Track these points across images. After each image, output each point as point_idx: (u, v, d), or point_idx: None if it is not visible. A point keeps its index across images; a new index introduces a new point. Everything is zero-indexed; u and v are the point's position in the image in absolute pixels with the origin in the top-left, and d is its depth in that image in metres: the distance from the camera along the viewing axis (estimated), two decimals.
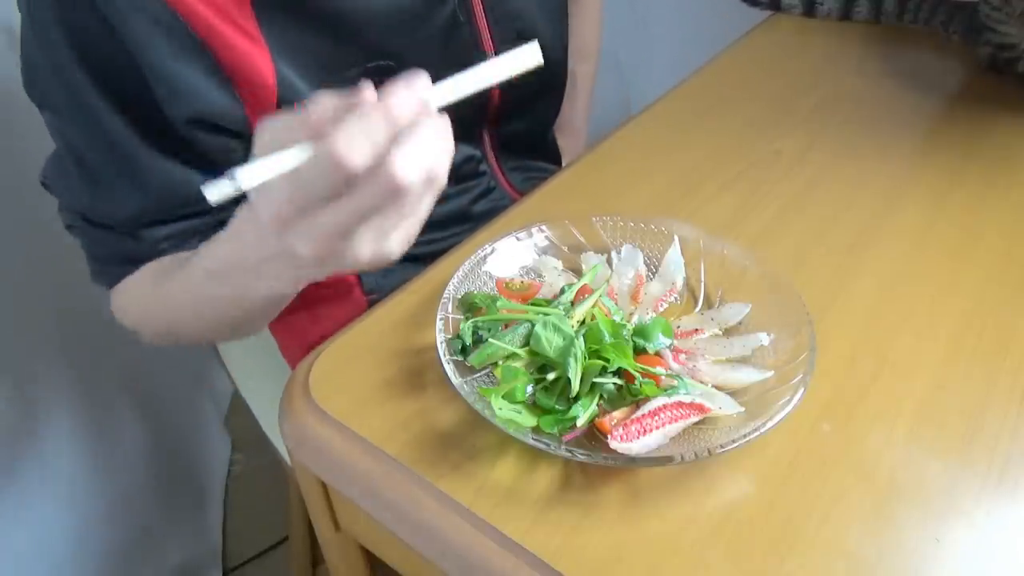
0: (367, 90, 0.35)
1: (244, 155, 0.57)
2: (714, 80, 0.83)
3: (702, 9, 1.17)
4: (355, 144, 0.33)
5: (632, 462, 0.44)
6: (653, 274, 0.57)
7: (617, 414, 0.45)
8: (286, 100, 0.57)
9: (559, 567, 0.41)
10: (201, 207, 0.57)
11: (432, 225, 0.72)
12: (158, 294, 0.58)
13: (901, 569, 0.41)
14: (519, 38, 0.68)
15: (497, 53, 0.66)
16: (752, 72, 0.85)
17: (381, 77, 0.59)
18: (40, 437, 0.93)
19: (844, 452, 0.47)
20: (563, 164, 0.93)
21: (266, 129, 0.37)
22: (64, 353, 0.95)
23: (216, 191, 0.35)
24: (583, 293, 0.52)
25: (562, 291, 0.52)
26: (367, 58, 0.59)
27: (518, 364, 0.47)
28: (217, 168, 0.56)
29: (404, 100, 0.36)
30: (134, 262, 0.60)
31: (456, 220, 0.74)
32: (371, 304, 0.66)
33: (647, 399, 0.45)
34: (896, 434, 0.48)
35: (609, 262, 0.57)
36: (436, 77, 0.63)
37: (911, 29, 0.89)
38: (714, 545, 0.42)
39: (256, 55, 0.54)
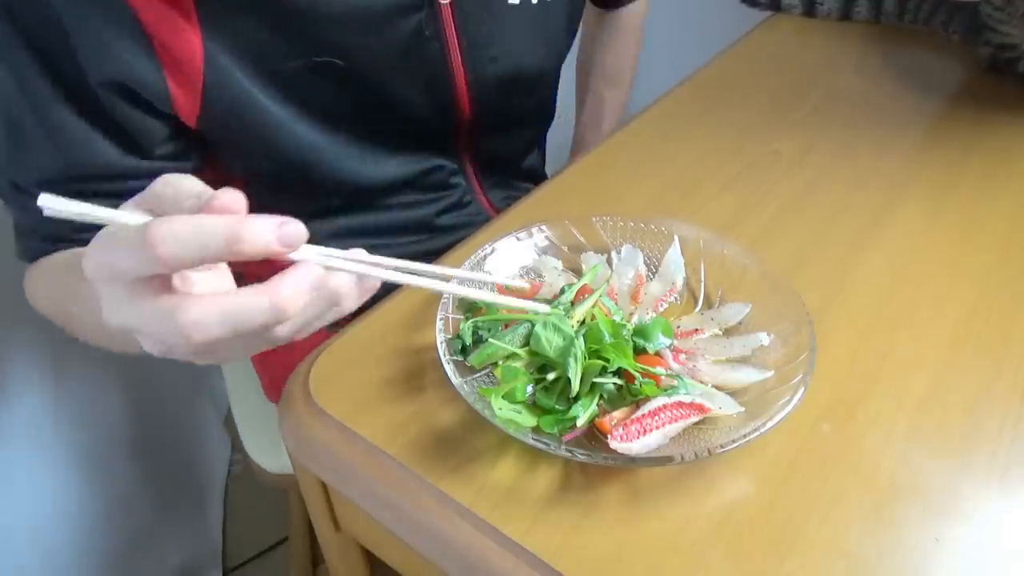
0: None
1: (165, 134, 0.56)
2: (714, 80, 0.83)
3: (702, 9, 1.17)
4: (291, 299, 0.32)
5: (632, 462, 0.44)
6: (653, 274, 0.57)
7: (617, 414, 0.45)
8: (214, 82, 0.55)
9: (559, 567, 0.41)
10: (114, 185, 0.56)
11: (391, 230, 0.72)
12: (56, 286, 0.58)
13: (901, 569, 0.41)
14: (493, 62, 0.66)
15: (468, 75, 0.65)
16: (752, 72, 0.85)
17: (325, 74, 0.58)
18: (40, 437, 0.94)
19: (844, 452, 0.47)
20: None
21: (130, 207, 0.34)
22: (64, 353, 0.95)
23: (52, 205, 0.30)
24: (583, 293, 0.52)
25: (562, 291, 0.52)
26: (314, 53, 0.57)
27: (518, 364, 0.47)
28: (137, 146, 0.56)
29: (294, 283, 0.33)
30: (53, 240, 0.58)
31: (417, 228, 0.73)
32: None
33: (647, 399, 0.45)
34: (896, 434, 0.48)
35: (609, 262, 0.57)
36: (392, 85, 0.62)
37: (911, 29, 0.89)
38: (714, 545, 0.42)
39: (186, 31, 0.52)
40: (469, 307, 0.52)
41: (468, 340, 0.49)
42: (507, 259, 0.56)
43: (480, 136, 0.72)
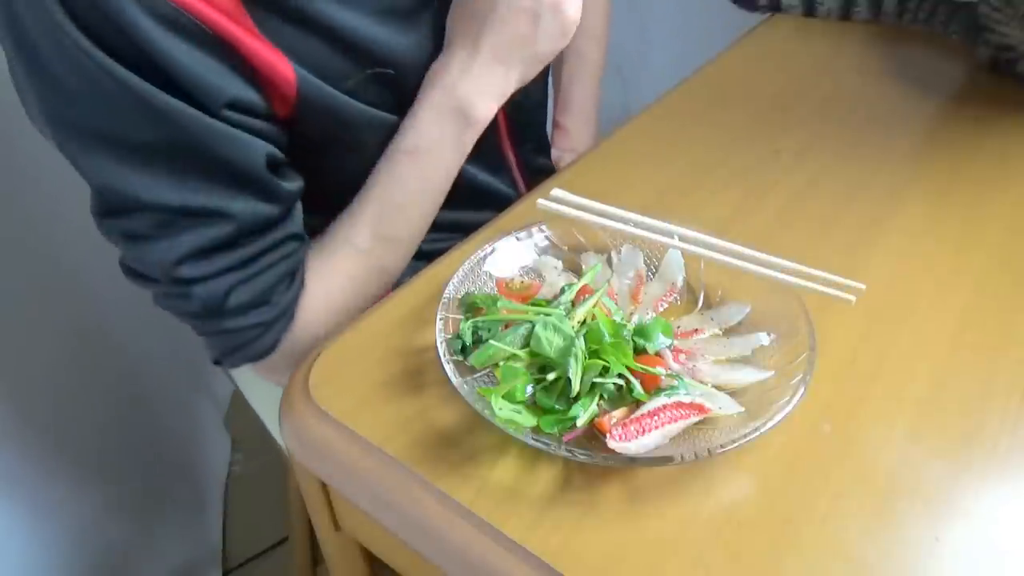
0: None
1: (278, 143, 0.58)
2: (714, 80, 0.83)
3: (702, 9, 1.17)
4: None
5: (632, 462, 0.44)
6: (653, 274, 0.57)
7: (617, 414, 0.45)
8: (307, 95, 0.56)
9: (559, 567, 0.41)
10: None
11: (446, 227, 0.73)
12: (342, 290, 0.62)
13: (901, 568, 0.41)
14: None
15: None
16: (752, 72, 0.85)
17: (380, 86, 0.60)
18: (39, 437, 0.94)
19: (844, 452, 0.47)
20: (575, 148, 0.92)
21: None
22: (63, 353, 0.95)
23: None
24: (583, 293, 0.52)
25: (562, 291, 0.52)
26: (366, 67, 0.59)
27: (518, 364, 0.47)
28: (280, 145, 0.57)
29: None
30: (258, 305, 0.58)
31: (473, 228, 0.75)
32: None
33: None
34: (896, 434, 0.48)
35: (609, 262, 0.57)
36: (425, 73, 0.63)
37: (911, 29, 0.89)
38: (714, 545, 0.42)
39: (269, 53, 0.54)
40: (469, 307, 0.52)
41: (468, 340, 0.49)
42: (507, 259, 0.56)
43: (520, 137, 0.76)
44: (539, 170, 0.83)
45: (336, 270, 0.62)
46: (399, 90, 0.62)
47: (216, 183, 0.55)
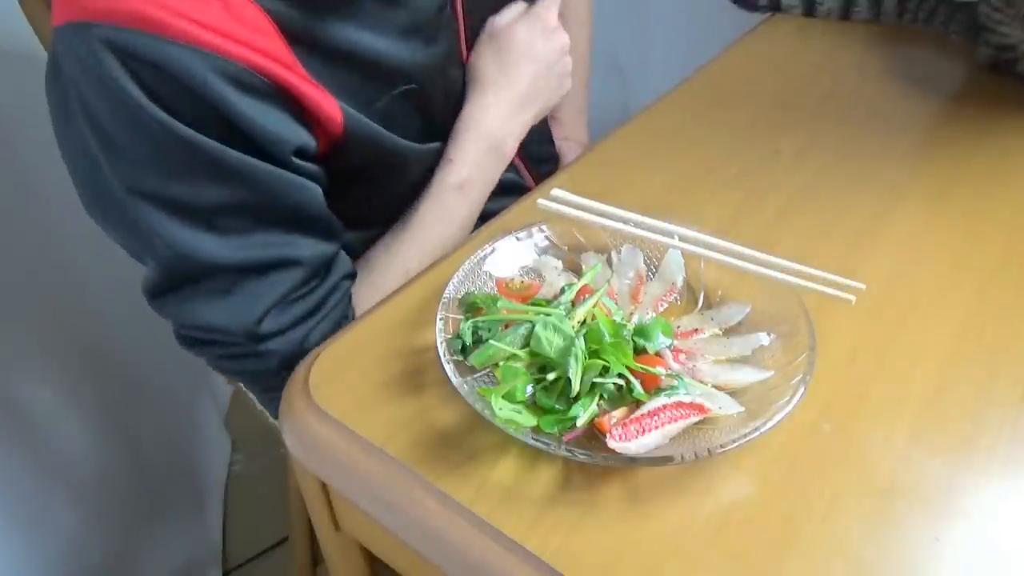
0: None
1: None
2: (714, 80, 0.83)
3: (702, 9, 1.17)
4: None
5: (632, 462, 0.44)
6: (653, 274, 0.57)
7: (617, 414, 0.45)
8: (352, 130, 0.58)
9: (559, 567, 0.41)
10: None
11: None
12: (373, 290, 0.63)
13: (901, 568, 0.41)
14: (481, 18, 0.71)
15: (469, 45, 0.70)
16: (752, 72, 0.85)
17: (407, 103, 0.61)
18: (39, 437, 0.94)
19: (844, 452, 0.47)
20: (569, 137, 0.93)
21: None
22: (63, 353, 0.95)
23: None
24: (583, 293, 0.52)
25: (562, 291, 0.52)
26: (393, 86, 0.61)
27: (518, 364, 0.47)
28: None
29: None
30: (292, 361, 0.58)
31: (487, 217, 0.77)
32: None
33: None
34: (896, 434, 0.48)
35: (609, 262, 0.57)
36: (441, 83, 0.65)
37: (911, 29, 0.89)
38: (714, 545, 0.42)
39: (319, 95, 0.55)
40: (469, 307, 0.52)
41: (468, 340, 0.49)
42: (507, 259, 0.56)
43: None
44: (542, 160, 0.85)
45: (381, 293, 0.62)
46: (424, 104, 0.64)
47: (285, 231, 0.56)
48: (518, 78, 0.69)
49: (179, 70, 0.49)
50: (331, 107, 0.56)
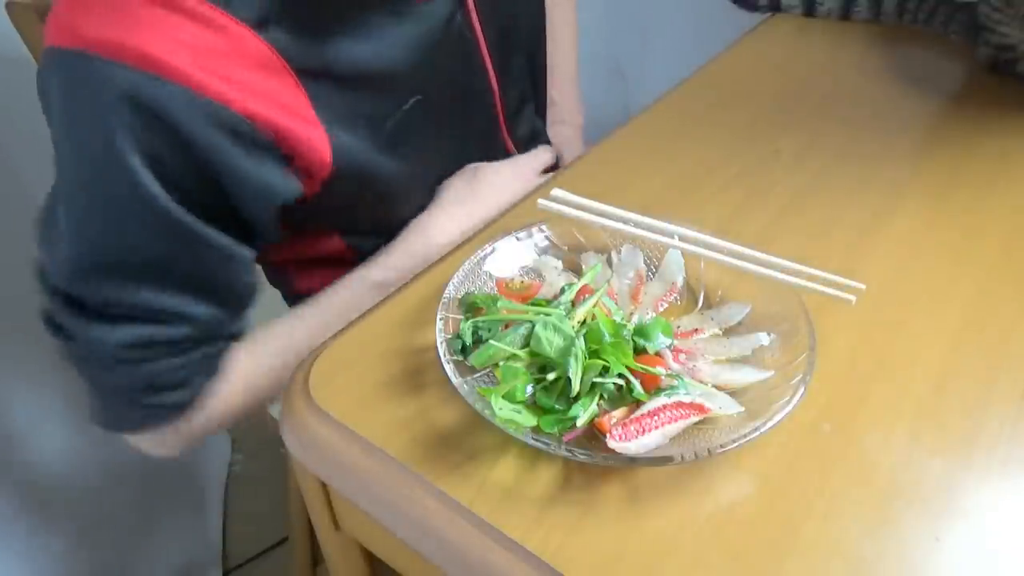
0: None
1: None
2: (714, 80, 0.83)
3: (702, 9, 1.17)
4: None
5: (632, 462, 0.44)
6: (653, 274, 0.57)
7: (617, 414, 0.45)
8: (341, 166, 0.57)
9: (559, 567, 0.41)
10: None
11: None
12: (246, 388, 0.62)
13: (901, 568, 0.41)
14: (502, 35, 0.70)
15: (491, 54, 0.69)
16: (752, 72, 0.85)
17: (414, 115, 0.61)
18: (39, 437, 0.94)
19: (844, 452, 0.47)
20: (564, 120, 0.93)
21: None
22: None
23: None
24: (583, 293, 0.52)
25: (562, 291, 0.52)
26: (402, 101, 0.61)
27: (518, 364, 0.47)
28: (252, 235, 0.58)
29: None
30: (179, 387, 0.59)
31: None
32: None
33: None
34: (896, 434, 0.48)
35: (609, 262, 0.57)
36: (455, 93, 0.65)
37: (911, 29, 0.89)
38: (714, 545, 0.42)
39: (315, 138, 0.55)
40: (469, 307, 0.52)
41: (468, 340, 0.49)
42: (507, 259, 0.56)
43: (508, 115, 0.76)
44: (533, 137, 0.84)
45: (266, 368, 0.62)
46: (435, 115, 0.64)
47: (192, 291, 0.55)
48: (479, 203, 0.68)
49: (172, 114, 0.48)
50: (322, 146, 0.56)
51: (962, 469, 0.46)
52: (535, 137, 0.81)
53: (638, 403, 0.46)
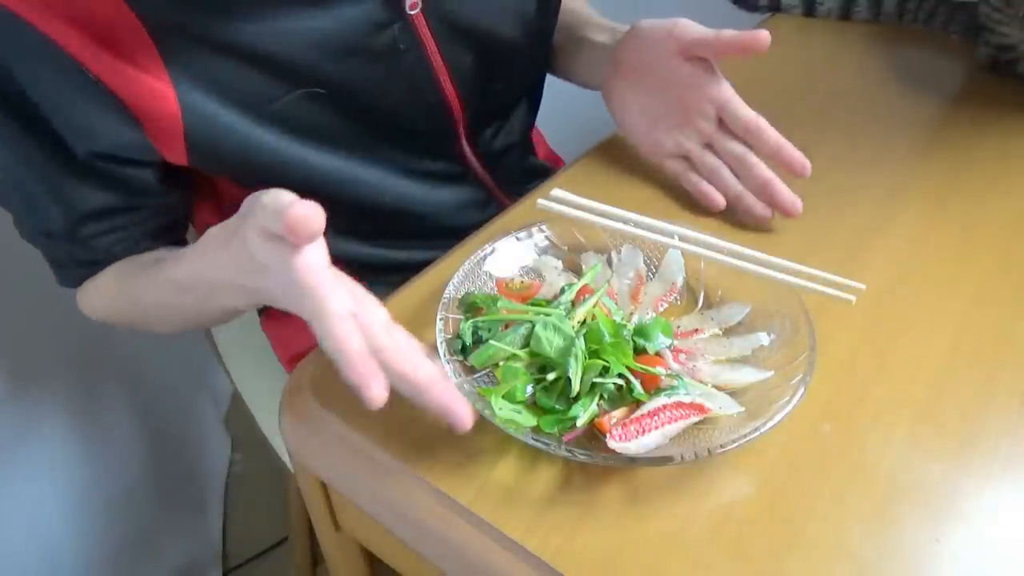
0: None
1: (159, 176, 0.60)
2: None
3: (702, 9, 1.17)
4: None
5: (632, 462, 0.44)
6: (653, 274, 0.57)
7: (617, 414, 0.45)
8: (197, 129, 0.56)
9: (559, 567, 0.41)
10: (126, 218, 0.61)
11: (411, 235, 0.72)
12: (124, 296, 0.63)
13: (901, 569, 0.41)
14: (476, 60, 0.66)
15: (451, 72, 0.65)
16: (752, 72, 0.84)
17: (316, 102, 0.59)
18: (39, 437, 0.94)
19: (844, 452, 0.47)
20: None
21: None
22: (63, 353, 0.95)
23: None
24: (583, 293, 0.52)
25: (562, 291, 0.52)
26: (296, 86, 0.58)
27: (518, 364, 0.47)
28: (134, 188, 0.60)
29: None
30: (92, 265, 0.63)
31: (442, 233, 0.73)
32: None
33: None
34: (896, 434, 0.48)
35: (609, 262, 0.57)
36: (383, 101, 0.63)
37: (911, 29, 0.89)
38: (714, 545, 0.42)
39: (158, 89, 0.54)
40: (469, 307, 0.52)
41: (468, 340, 0.49)
42: (507, 259, 0.56)
43: (477, 131, 0.72)
44: (505, 152, 0.78)
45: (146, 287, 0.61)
46: (339, 112, 0.61)
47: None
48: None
49: None
50: (166, 98, 0.54)
51: (962, 470, 0.46)
52: (507, 152, 0.77)
53: (638, 403, 0.46)
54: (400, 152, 0.67)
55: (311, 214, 0.39)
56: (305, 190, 0.62)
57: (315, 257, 0.41)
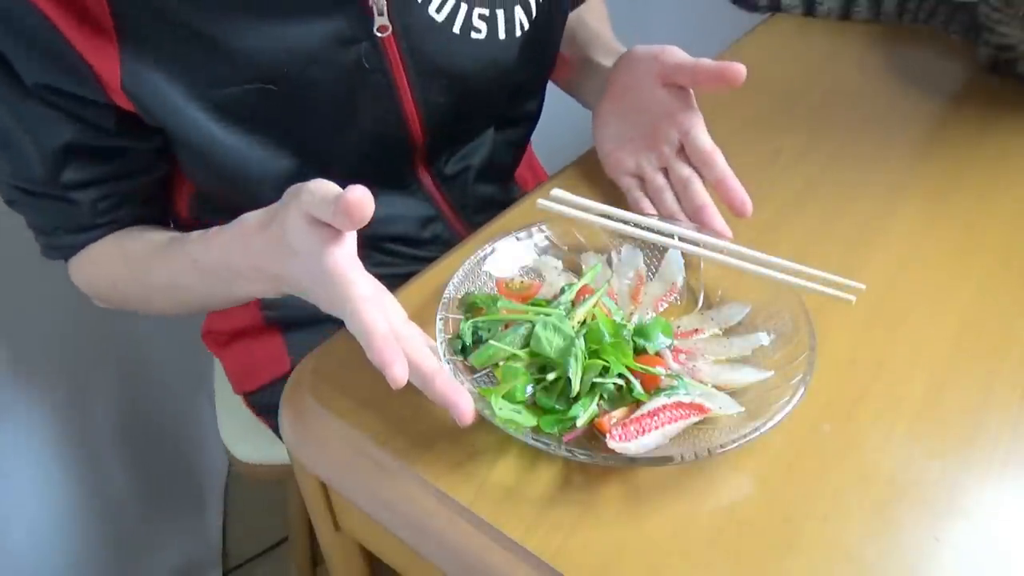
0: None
1: (116, 118, 0.58)
2: None
3: (702, 10, 1.17)
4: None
5: (632, 462, 0.44)
6: (653, 274, 0.57)
7: (617, 414, 0.45)
8: (138, 95, 0.55)
9: (559, 567, 0.41)
10: (102, 168, 0.60)
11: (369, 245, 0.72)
12: (132, 272, 0.62)
13: (901, 568, 0.41)
14: (446, 96, 0.65)
15: (418, 104, 0.64)
16: (752, 72, 0.84)
17: (266, 99, 0.58)
18: (39, 438, 0.94)
19: (844, 452, 0.47)
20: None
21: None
22: (63, 353, 0.95)
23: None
24: (583, 293, 0.52)
25: (562, 291, 0.52)
26: (247, 80, 0.57)
27: (518, 364, 0.47)
28: (100, 129, 0.58)
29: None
30: (80, 232, 0.62)
31: (397, 243, 0.73)
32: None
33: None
34: (896, 434, 0.48)
35: (609, 262, 0.57)
36: (339, 113, 0.62)
37: (911, 29, 0.89)
38: (714, 545, 0.42)
39: (103, 45, 0.53)
40: (469, 307, 0.52)
41: (468, 340, 0.49)
42: (507, 259, 0.56)
43: (436, 158, 0.72)
44: (458, 176, 0.77)
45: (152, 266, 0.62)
46: (280, 113, 0.60)
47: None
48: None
49: None
50: (109, 57, 0.54)
51: (962, 469, 0.46)
52: (461, 174, 0.75)
53: (638, 403, 0.46)
54: (350, 165, 0.65)
55: (365, 200, 0.41)
56: (233, 182, 0.62)
57: (347, 247, 0.45)
